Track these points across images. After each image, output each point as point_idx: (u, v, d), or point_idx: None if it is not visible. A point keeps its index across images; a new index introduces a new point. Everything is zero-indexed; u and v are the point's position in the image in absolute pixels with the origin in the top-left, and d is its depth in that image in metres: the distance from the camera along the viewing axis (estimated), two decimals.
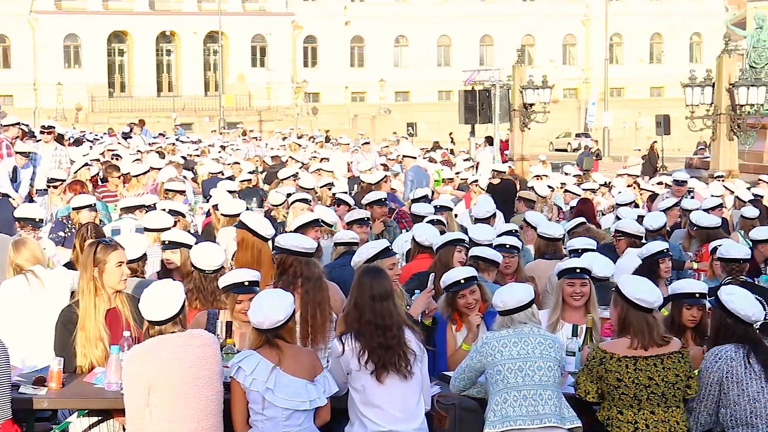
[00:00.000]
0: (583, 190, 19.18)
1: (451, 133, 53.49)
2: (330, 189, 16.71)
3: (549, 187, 18.79)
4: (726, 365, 6.93)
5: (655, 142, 44.69)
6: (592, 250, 10.06)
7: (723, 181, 21.52)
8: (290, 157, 23.90)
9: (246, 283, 7.51)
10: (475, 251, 9.19)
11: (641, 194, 19.61)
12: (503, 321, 7.09)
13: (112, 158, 23.21)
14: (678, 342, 7.18)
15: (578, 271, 8.15)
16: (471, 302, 7.93)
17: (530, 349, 6.93)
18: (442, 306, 8.05)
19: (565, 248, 10.98)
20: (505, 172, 21.47)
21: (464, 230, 12.03)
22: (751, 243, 11.69)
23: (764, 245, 11.30)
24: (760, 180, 21.76)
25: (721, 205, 15.76)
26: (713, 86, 28.28)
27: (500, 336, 7.00)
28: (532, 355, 6.92)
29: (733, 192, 18.59)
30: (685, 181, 18.92)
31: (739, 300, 7.09)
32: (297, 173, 17.76)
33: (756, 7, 59.93)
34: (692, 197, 17.20)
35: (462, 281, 7.90)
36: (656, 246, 10.09)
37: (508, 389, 6.88)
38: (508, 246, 10.04)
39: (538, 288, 9.88)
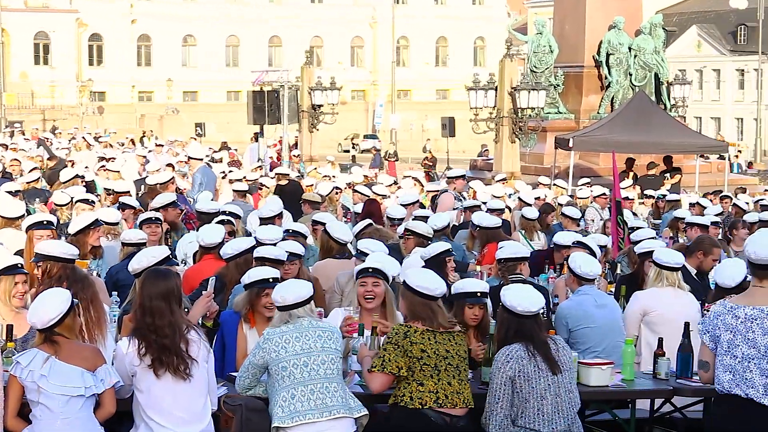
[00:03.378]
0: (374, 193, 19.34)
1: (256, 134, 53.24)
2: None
3: (336, 188, 18.93)
4: (517, 364, 7.13)
5: (428, 139, 45.35)
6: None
7: (505, 182, 22.08)
8: (70, 160, 23.40)
9: (270, 280, 7.81)
10: (260, 251, 9.18)
11: (427, 195, 19.94)
12: (282, 316, 7.14)
13: None
14: (458, 325, 7.47)
15: (371, 271, 8.21)
16: (269, 302, 7.95)
17: (312, 343, 7.02)
18: (241, 302, 8.04)
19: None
20: (288, 174, 21.51)
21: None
22: (554, 245, 12.05)
23: (567, 250, 11.67)
24: (539, 183, 22.45)
25: (503, 207, 16.19)
26: (496, 90, 29.01)
27: (281, 332, 7.05)
28: (314, 349, 7.01)
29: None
30: (462, 176, 19.39)
31: (514, 295, 7.30)
32: (79, 174, 17.39)
33: (536, 13, 61.67)
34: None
35: (270, 280, 7.89)
36: (440, 246, 10.30)
37: (295, 385, 6.94)
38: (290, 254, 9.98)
39: (324, 288, 9.96)
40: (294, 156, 33.13)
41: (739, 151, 57.29)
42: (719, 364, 6.75)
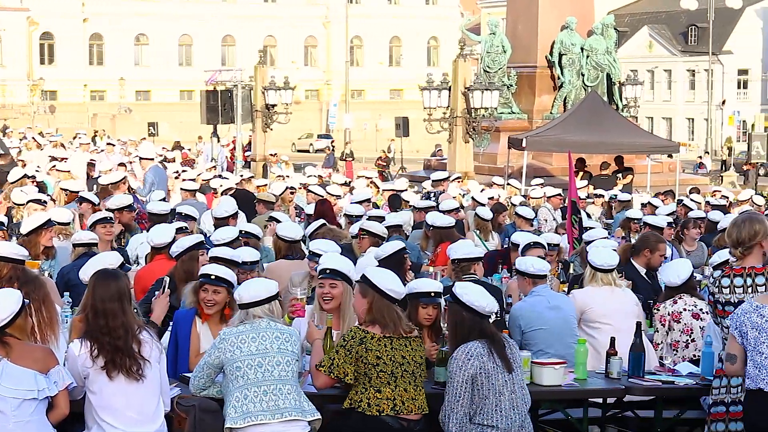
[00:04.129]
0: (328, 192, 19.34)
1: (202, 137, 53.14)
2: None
3: (290, 187, 18.90)
4: (477, 361, 7.13)
5: (392, 139, 45.49)
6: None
7: (460, 182, 22.14)
8: (20, 159, 23.20)
9: (213, 276, 7.88)
10: (214, 252, 9.15)
11: (382, 195, 19.99)
12: (240, 315, 7.13)
13: None
14: (416, 330, 7.45)
15: (328, 272, 8.20)
16: (211, 299, 7.91)
17: (268, 344, 6.97)
18: (188, 296, 8.03)
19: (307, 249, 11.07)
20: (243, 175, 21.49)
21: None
22: (510, 244, 12.12)
23: (529, 250, 11.70)
24: (493, 183, 22.54)
25: (458, 208, 16.25)
26: (449, 90, 29.05)
27: (238, 332, 7.02)
28: (270, 350, 6.97)
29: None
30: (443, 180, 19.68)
31: (472, 293, 7.31)
32: (28, 174, 17.23)
33: (490, 14, 61.87)
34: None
35: (212, 276, 7.88)
36: (396, 244, 10.31)
37: (249, 385, 6.91)
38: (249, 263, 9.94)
39: (279, 288, 9.92)
40: (270, 155, 33.03)
41: (706, 152, 57.74)
42: (749, 361, 6.96)
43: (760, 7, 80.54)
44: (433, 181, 20.16)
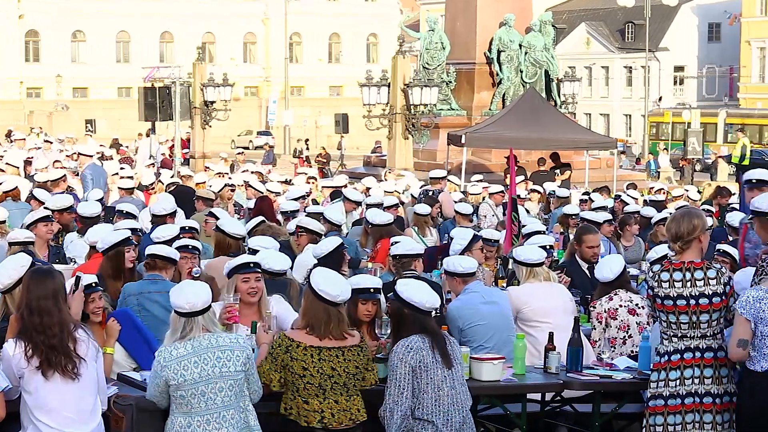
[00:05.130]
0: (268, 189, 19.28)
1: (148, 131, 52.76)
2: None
3: (230, 185, 18.82)
4: (417, 355, 7.15)
5: (342, 136, 45.44)
6: None
7: (397, 177, 22.18)
8: None
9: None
10: (152, 249, 9.10)
11: (321, 191, 19.97)
12: (178, 325, 6.83)
13: None
14: (358, 336, 7.40)
15: (251, 266, 8.19)
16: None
17: (210, 369, 6.74)
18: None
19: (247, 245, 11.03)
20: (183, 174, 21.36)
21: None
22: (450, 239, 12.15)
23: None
24: (431, 178, 22.57)
25: (398, 204, 16.30)
26: (389, 86, 29.10)
27: (179, 356, 6.75)
28: (212, 376, 6.74)
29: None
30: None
31: (413, 290, 7.33)
32: None
33: (429, 10, 61.99)
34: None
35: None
36: (334, 241, 10.34)
37: (192, 414, 6.75)
38: (190, 247, 9.97)
39: (218, 286, 9.89)
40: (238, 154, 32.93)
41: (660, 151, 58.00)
42: (764, 345, 7.17)
43: (695, 4, 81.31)
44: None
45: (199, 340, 6.78)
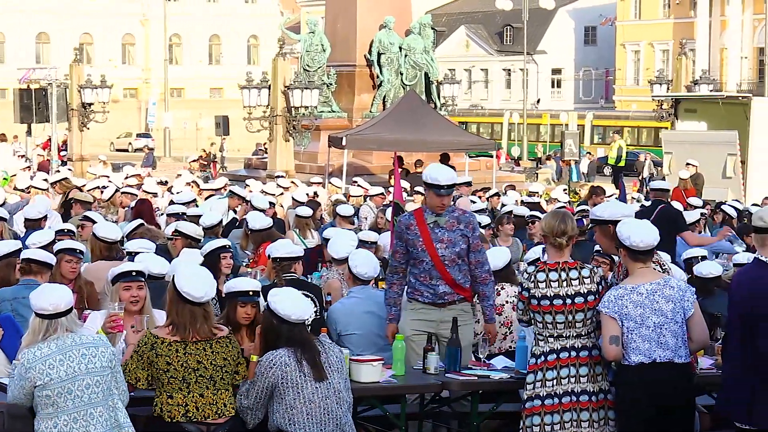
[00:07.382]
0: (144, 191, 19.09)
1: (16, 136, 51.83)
2: None
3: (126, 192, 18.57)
4: (280, 371, 7.07)
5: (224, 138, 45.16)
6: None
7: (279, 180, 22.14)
8: None
9: None
10: (27, 254, 8.95)
11: (200, 194, 19.83)
12: (38, 326, 6.71)
13: None
14: (226, 330, 7.35)
15: (134, 274, 8.10)
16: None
17: (75, 366, 6.66)
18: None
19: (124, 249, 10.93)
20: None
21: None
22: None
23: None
24: (311, 182, 22.61)
25: (272, 204, 16.33)
26: (269, 88, 29.04)
27: (44, 357, 6.65)
28: (78, 373, 6.66)
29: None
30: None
31: (282, 300, 7.22)
32: None
33: (309, 12, 61.96)
34: None
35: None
36: (217, 242, 10.29)
37: (59, 414, 6.65)
38: (77, 251, 9.78)
39: (96, 290, 9.77)
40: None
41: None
42: (636, 336, 7.30)
43: (572, 8, 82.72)
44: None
45: (63, 339, 6.69)
